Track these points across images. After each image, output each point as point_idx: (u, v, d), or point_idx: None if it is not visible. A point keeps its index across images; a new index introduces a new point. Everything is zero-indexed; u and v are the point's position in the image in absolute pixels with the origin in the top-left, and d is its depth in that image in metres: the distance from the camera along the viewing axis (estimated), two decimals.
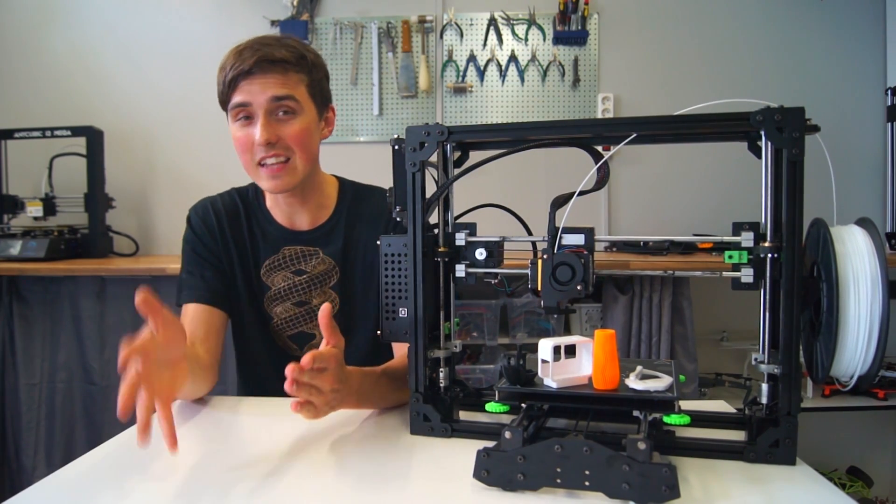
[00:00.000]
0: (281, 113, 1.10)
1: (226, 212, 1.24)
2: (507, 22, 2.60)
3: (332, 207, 1.25)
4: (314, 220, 1.24)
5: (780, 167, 0.77)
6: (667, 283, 2.14)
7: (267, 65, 1.08)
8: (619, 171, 2.62)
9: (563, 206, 0.81)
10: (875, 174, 2.58)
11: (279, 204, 1.23)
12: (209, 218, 1.23)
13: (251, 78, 1.08)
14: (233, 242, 1.23)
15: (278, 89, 1.09)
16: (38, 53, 2.72)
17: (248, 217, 1.24)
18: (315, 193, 1.23)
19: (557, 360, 0.82)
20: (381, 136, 2.65)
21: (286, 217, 1.24)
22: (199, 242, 1.22)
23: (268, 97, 1.09)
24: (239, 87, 1.09)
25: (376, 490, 0.74)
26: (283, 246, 1.23)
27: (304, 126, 1.13)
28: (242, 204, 1.25)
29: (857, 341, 0.75)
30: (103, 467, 0.83)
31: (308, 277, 1.23)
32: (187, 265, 1.22)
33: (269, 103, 1.09)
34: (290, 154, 1.12)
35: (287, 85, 1.10)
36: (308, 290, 1.23)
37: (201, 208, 1.25)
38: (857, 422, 2.56)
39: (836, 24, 2.58)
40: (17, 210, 2.50)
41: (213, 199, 1.26)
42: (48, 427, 2.31)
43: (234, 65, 1.08)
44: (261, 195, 1.26)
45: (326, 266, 1.23)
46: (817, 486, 0.73)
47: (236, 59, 1.08)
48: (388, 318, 0.91)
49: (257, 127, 1.09)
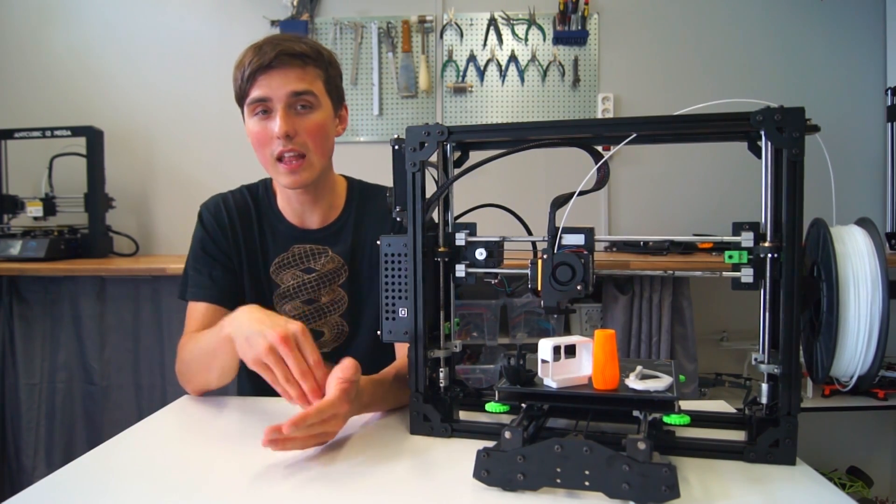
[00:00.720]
0: (300, 107, 1.12)
1: (237, 210, 1.24)
2: (507, 22, 2.60)
3: (341, 207, 1.26)
4: (324, 218, 1.25)
5: (780, 167, 0.77)
6: (667, 283, 2.14)
7: (287, 58, 1.09)
8: (619, 171, 2.62)
9: (563, 206, 0.81)
10: (875, 174, 2.58)
11: (291, 202, 1.23)
12: (221, 216, 1.23)
13: (271, 72, 1.09)
14: (243, 240, 1.23)
15: (298, 83, 1.10)
16: (38, 53, 2.71)
17: (258, 215, 1.25)
18: (327, 192, 1.24)
19: (557, 360, 0.82)
20: (381, 136, 2.65)
21: (297, 215, 1.24)
22: (209, 240, 1.22)
23: (287, 91, 1.09)
24: (258, 82, 1.09)
25: (376, 490, 0.74)
26: (293, 244, 1.23)
27: (321, 121, 1.14)
28: (253, 202, 1.26)
29: (857, 341, 0.75)
30: (103, 467, 0.83)
31: (317, 276, 1.23)
32: (196, 262, 1.22)
33: (289, 97, 1.10)
34: (306, 149, 1.13)
35: (305, 79, 1.11)
36: (317, 289, 1.23)
37: (213, 206, 1.25)
38: (857, 422, 2.56)
39: (836, 24, 2.58)
40: (17, 210, 2.50)
41: (224, 196, 1.26)
42: (48, 427, 2.31)
43: (252, 59, 1.09)
44: (271, 193, 1.27)
45: (335, 265, 1.24)
46: (817, 486, 0.73)
47: (255, 54, 1.09)
48: (388, 318, 0.91)
49: (276, 120, 1.09)
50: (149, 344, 2.28)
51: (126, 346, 2.28)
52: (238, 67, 1.11)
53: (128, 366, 2.29)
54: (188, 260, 1.24)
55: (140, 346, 2.29)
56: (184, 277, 1.24)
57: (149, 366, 2.29)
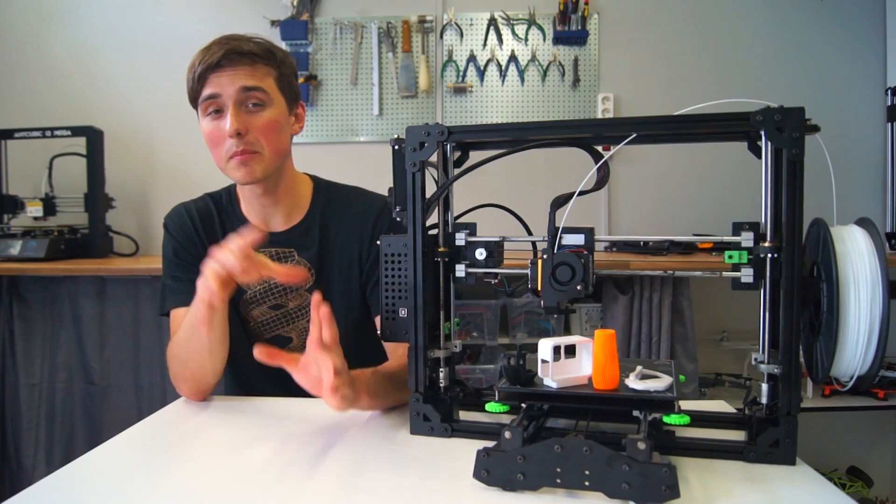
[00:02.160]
0: (250, 104, 1.11)
1: (200, 216, 1.24)
2: (507, 22, 2.60)
3: (306, 208, 1.24)
4: (288, 220, 1.23)
5: (780, 167, 0.77)
6: (667, 283, 2.14)
7: (236, 57, 1.09)
8: (619, 171, 2.62)
9: (563, 206, 0.81)
10: (875, 174, 2.58)
11: (253, 204, 1.22)
12: (185, 223, 1.23)
13: (220, 70, 1.09)
14: (208, 246, 1.21)
15: (247, 80, 1.10)
16: (38, 53, 2.72)
17: (221, 220, 1.24)
18: (289, 192, 1.22)
19: (557, 360, 0.82)
20: (381, 136, 2.64)
21: (260, 218, 1.23)
22: (180, 247, 1.22)
23: (237, 88, 1.09)
24: (208, 81, 1.09)
25: (376, 490, 0.74)
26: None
27: (273, 118, 1.13)
28: (216, 208, 1.25)
29: (857, 341, 0.75)
30: (103, 467, 0.83)
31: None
32: (171, 271, 1.21)
33: (239, 94, 1.09)
34: (259, 147, 1.12)
35: (255, 76, 1.11)
36: (284, 294, 1.22)
37: (176, 215, 1.25)
38: (857, 422, 2.56)
39: (836, 24, 2.58)
40: (17, 210, 2.50)
41: (186, 204, 1.27)
42: (48, 427, 2.31)
43: (202, 59, 1.09)
44: (234, 199, 1.26)
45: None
46: (817, 486, 0.73)
47: (205, 54, 1.09)
48: (388, 318, 0.91)
49: (227, 118, 1.09)
50: (149, 344, 2.28)
51: (126, 346, 2.28)
52: (189, 69, 1.11)
53: (128, 366, 2.29)
54: (164, 272, 1.23)
55: (140, 346, 2.29)
56: (162, 292, 1.23)
57: (149, 366, 2.29)
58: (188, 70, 1.12)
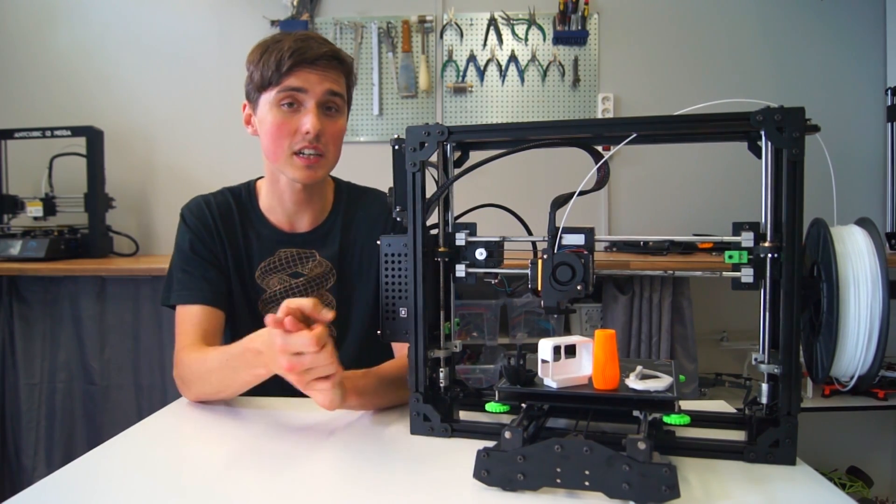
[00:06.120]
0: (328, 108, 1.13)
1: (219, 211, 1.22)
2: (507, 22, 2.60)
3: (328, 209, 1.25)
4: (314, 221, 1.23)
5: (780, 167, 0.77)
6: (667, 283, 2.14)
7: (334, 60, 1.11)
8: (619, 171, 2.62)
9: (563, 206, 0.81)
10: (875, 174, 2.58)
11: (283, 202, 1.21)
12: (205, 216, 1.20)
13: (313, 67, 1.09)
14: (228, 242, 1.20)
15: (334, 84, 1.12)
16: (38, 53, 2.71)
17: (241, 218, 1.23)
18: (320, 194, 1.24)
19: (557, 360, 0.82)
20: (381, 136, 2.65)
21: (283, 218, 1.22)
22: (197, 240, 1.19)
23: (325, 89, 1.10)
24: (297, 73, 1.08)
25: (376, 490, 0.74)
26: (278, 248, 1.22)
27: (343, 126, 1.17)
28: (236, 204, 1.23)
29: (857, 341, 0.75)
30: (103, 467, 0.83)
31: (305, 280, 1.21)
32: (183, 264, 1.18)
33: (324, 95, 1.11)
34: (327, 151, 1.13)
35: (340, 83, 1.14)
36: (305, 293, 1.21)
37: (196, 207, 1.22)
38: (857, 422, 2.56)
39: (836, 24, 2.58)
40: (17, 210, 2.50)
41: (206, 197, 1.24)
42: (48, 427, 2.31)
43: (296, 49, 1.07)
44: (254, 196, 1.25)
45: (323, 269, 1.22)
46: (817, 486, 0.73)
47: (300, 44, 1.08)
48: (388, 318, 0.91)
49: (308, 116, 1.09)
50: (149, 344, 2.28)
51: (126, 346, 2.28)
52: (271, 53, 1.08)
53: (128, 366, 2.29)
54: (174, 263, 1.20)
55: (140, 346, 2.28)
56: (168, 281, 1.19)
57: (149, 366, 2.29)
58: (265, 53, 1.09)
